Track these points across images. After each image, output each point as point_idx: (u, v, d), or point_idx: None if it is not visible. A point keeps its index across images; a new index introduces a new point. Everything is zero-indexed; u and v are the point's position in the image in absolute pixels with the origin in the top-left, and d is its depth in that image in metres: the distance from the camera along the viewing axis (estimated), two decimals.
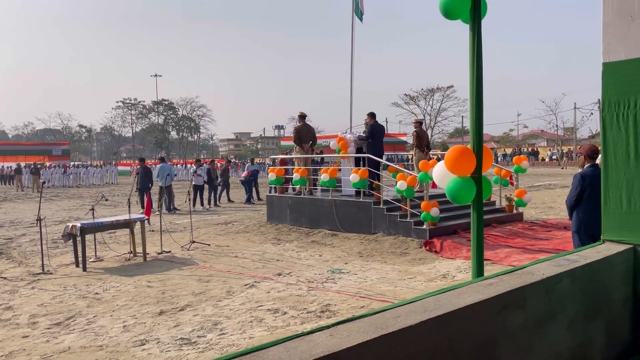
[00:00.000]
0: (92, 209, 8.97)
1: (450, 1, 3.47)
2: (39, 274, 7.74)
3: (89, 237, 8.53)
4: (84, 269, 7.93)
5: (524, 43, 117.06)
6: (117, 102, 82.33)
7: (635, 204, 2.88)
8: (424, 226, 9.28)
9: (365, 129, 11.51)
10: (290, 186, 12.72)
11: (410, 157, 15.24)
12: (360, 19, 13.98)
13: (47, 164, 41.04)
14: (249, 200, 19.17)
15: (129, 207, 9.45)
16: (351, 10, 13.83)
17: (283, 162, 14.51)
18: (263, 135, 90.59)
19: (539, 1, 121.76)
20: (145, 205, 10.05)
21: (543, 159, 53.32)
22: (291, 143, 13.92)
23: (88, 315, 5.71)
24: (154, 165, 25.31)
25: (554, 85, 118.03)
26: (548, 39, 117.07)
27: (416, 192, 9.88)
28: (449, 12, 3.50)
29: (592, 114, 49.80)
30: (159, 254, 9.09)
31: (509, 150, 57.60)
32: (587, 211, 5.15)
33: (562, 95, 60.61)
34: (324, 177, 11.03)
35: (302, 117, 12.42)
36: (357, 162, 11.06)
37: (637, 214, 2.87)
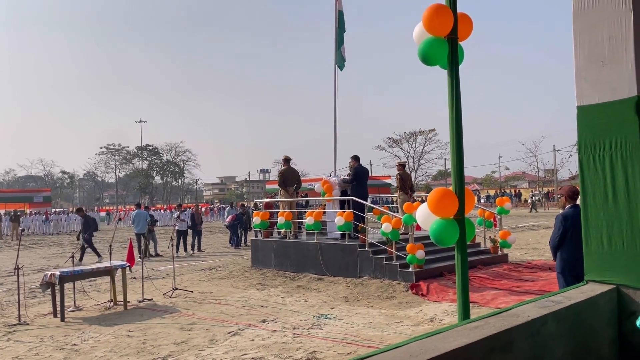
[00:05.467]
0: (72, 257, 8.78)
1: (429, 48, 3.58)
2: (15, 325, 7.47)
3: (68, 286, 8.31)
4: (62, 319, 7.68)
5: (502, 85, 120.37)
6: (100, 147, 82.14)
7: (616, 244, 2.90)
8: (410, 269, 9.23)
9: (349, 172, 11.59)
10: (275, 230, 12.64)
11: (394, 199, 15.31)
12: (341, 67, 14.33)
13: (28, 211, 40.36)
14: (236, 244, 18.98)
15: (110, 254, 9.27)
16: (334, 57, 14.19)
17: (268, 205, 14.47)
18: (248, 179, 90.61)
19: (512, 48, 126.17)
20: (127, 252, 9.91)
21: (525, 200, 53.92)
22: (276, 186, 13.94)
23: None
24: (129, 212, 25.06)
25: (533, 127, 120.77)
26: (525, 84, 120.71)
27: (401, 234, 9.88)
28: (427, 59, 3.61)
29: (570, 155, 51.01)
30: (140, 302, 8.86)
31: (492, 192, 58.22)
32: (570, 252, 5.17)
33: (541, 137, 62.22)
34: (309, 220, 11.00)
35: (287, 160, 12.49)
36: (342, 204, 11.08)
37: (619, 254, 2.90)
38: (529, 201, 41.66)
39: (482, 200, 49.33)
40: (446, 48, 3.56)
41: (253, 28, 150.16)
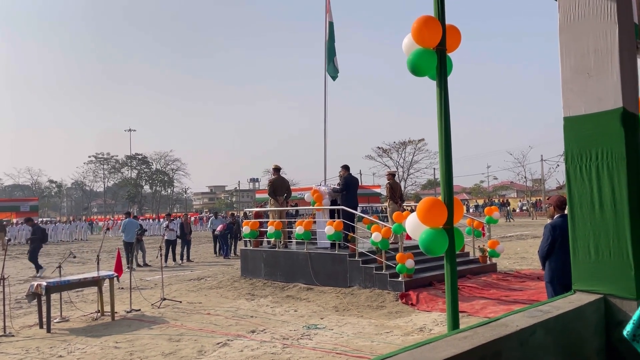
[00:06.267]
0: (59, 267, 8.68)
1: (418, 59, 3.61)
2: (0, 336, 7.37)
3: (54, 297, 8.20)
4: (48, 330, 7.58)
5: (489, 96, 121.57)
6: (89, 156, 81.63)
7: (603, 254, 2.92)
8: (400, 278, 9.23)
9: (339, 181, 11.60)
10: (265, 239, 12.60)
11: (384, 208, 15.35)
12: (334, 78, 14.39)
13: (14, 220, 39.89)
14: (226, 254, 18.89)
15: (98, 264, 9.18)
16: (326, 67, 14.25)
17: (258, 215, 14.42)
18: (238, 188, 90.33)
19: (501, 57, 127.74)
20: (115, 262, 9.79)
21: (514, 210, 54.33)
22: (266, 196, 13.91)
23: None
24: (118, 221, 24.91)
25: (520, 137, 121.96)
26: (514, 94, 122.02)
27: (391, 243, 9.89)
28: (416, 69, 3.64)
29: (558, 165, 51.45)
30: (127, 312, 8.77)
31: (480, 201, 58.56)
32: (559, 261, 5.20)
33: (529, 147, 62.79)
34: (298, 229, 10.97)
35: (277, 169, 12.49)
36: (332, 214, 11.08)
37: (606, 263, 2.92)
38: (503, 211, 41.90)
39: (471, 210, 49.64)
40: (435, 59, 3.59)
41: (244, 37, 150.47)
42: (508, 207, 44.75)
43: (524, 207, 53.38)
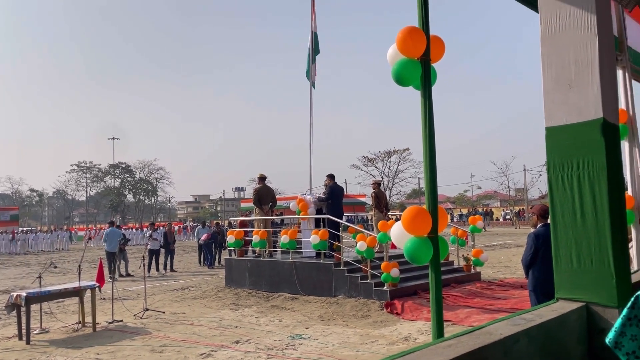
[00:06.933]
0: (40, 277, 8.53)
1: (402, 69, 3.63)
2: None
3: (34, 307, 8.05)
4: (28, 342, 7.42)
5: (472, 106, 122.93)
6: (71, 165, 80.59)
7: (585, 262, 2.96)
8: (385, 287, 9.24)
9: (324, 190, 11.61)
10: (250, 249, 12.53)
11: (369, 217, 15.38)
12: (313, 85, 14.50)
13: None
14: (210, 264, 18.73)
15: (79, 274, 9.03)
16: (310, 79, 14.35)
17: (242, 224, 14.35)
18: (223, 197, 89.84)
19: (484, 69, 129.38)
20: (97, 272, 9.65)
21: (497, 219, 54.79)
22: (251, 205, 13.85)
23: None
24: (102, 230, 24.61)
25: (503, 147, 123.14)
26: (496, 104, 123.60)
27: (376, 252, 9.89)
28: (401, 79, 3.66)
29: (540, 175, 52.05)
30: (109, 323, 8.63)
31: (464, 211, 58.96)
32: (542, 270, 5.24)
33: (512, 157, 63.51)
34: (284, 238, 10.94)
35: (262, 178, 12.46)
36: (317, 223, 11.06)
37: (588, 272, 2.95)
38: (487, 220, 42.40)
39: (455, 219, 49.95)
40: (419, 69, 3.62)
41: (231, 46, 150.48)
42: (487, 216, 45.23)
43: (508, 217, 53.84)
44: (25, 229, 49.00)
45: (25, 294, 7.60)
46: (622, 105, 4.78)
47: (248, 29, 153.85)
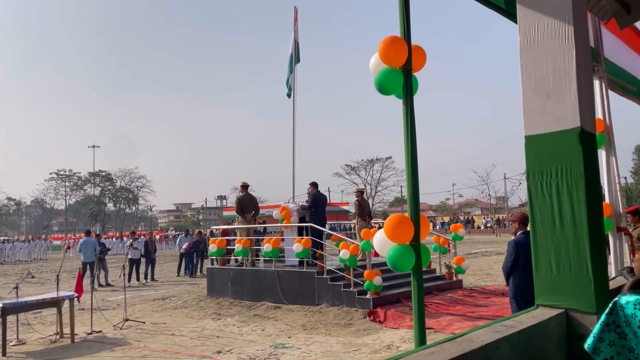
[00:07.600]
0: (17, 287, 8.35)
1: (384, 78, 3.66)
2: None
3: (11, 318, 7.87)
4: (4, 354, 7.25)
5: (452, 115, 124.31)
6: (50, 173, 79.41)
7: (564, 269, 2.99)
8: (368, 296, 9.24)
9: (307, 199, 11.60)
10: (232, 257, 12.44)
11: (352, 225, 15.40)
12: (289, 95, 14.56)
13: None
14: (192, 273, 18.54)
15: (57, 284, 8.86)
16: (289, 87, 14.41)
17: (225, 232, 14.25)
18: (205, 205, 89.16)
19: (466, 80, 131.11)
20: (76, 282, 9.48)
21: (478, 227, 55.30)
22: (233, 213, 13.77)
23: None
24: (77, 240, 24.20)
25: (485, 156, 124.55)
26: (475, 113, 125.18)
27: (359, 260, 9.90)
28: (383, 88, 3.69)
29: (520, 183, 52.74)
30: (88, 334, 8.48)
31: (446, 219, 59.43)
32: (522, 277, 5.29)
33: (493, 166, 64.35)
34: (266, 247, 10.89)
35: (245, 187, 12.41)
36: (300, 231, 11.04)
37: (567, 278, 2.99)
38: (468, 228, 42.90)
39: (437, 227, 50.29)
40: (401, 78, 3.65)
41: (212, 55, 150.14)
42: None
43: (489, 224, 54.39)
44: (2, 238, 48.06)
45: (1, 305, 7.44)
46: (599, 114, 4.88)
47: (236, 37, 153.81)
